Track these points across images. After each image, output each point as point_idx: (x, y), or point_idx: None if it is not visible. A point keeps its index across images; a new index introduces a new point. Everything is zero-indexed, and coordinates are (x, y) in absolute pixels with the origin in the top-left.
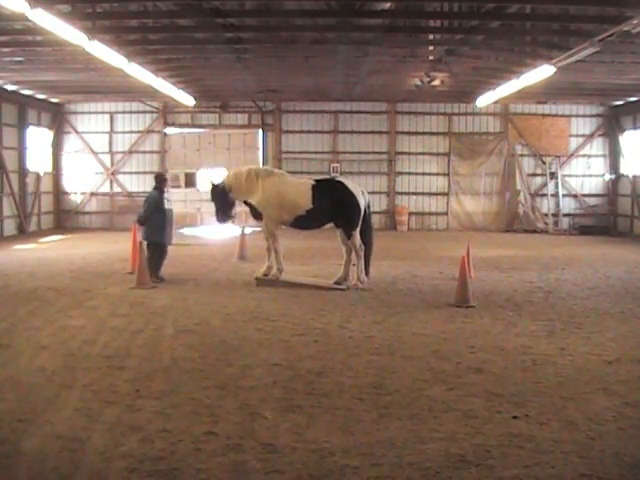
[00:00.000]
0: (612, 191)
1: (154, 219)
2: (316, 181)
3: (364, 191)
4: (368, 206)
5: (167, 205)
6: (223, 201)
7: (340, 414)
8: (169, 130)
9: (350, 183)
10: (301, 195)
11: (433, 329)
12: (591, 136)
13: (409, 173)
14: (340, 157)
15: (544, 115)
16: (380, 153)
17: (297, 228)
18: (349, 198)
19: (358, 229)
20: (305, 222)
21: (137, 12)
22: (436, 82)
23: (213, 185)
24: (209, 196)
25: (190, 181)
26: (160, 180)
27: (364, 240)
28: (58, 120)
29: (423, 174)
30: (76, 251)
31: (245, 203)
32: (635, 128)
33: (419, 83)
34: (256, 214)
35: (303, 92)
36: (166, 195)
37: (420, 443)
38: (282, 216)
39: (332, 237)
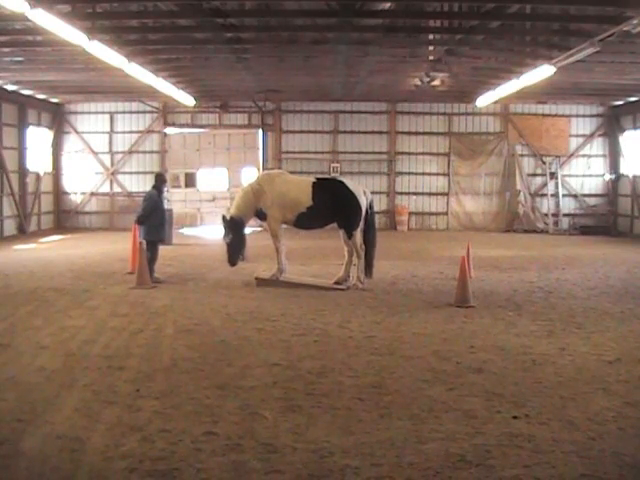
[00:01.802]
0: (612, 191)
1: (153, 218)
2: (317, 179)
3: (366, 191)
4: (370, 206)
5: (166, 205)
6: (239, 233)
7: (340, 414)
8: (169, 130)
9: (351, 183)
10: (301, 192)
11: (433, 329)
12: (591, 136)
13: (409, 173)
14: (340, 157)
15: (544, 115)
16: (380, 153)
17: (300, 227)
18: (350, 198)
19: (359, 229)
20: (307, 220)
21: (137, 12)
22: (436, 82)
23: (226, 218)
24: (224, 231)
25: (190, 181)
26: (159, 180)
27: (366, 239)
28: (58, 120)
29: (423, 174)
30: (76, 251)
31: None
32: (635, 128)
33: (419, 83)
34: (261, 216)
35: (303, 92)
36: (165, 195)
37: (420, 443)
38: (285, 215)
39: (332, 237)
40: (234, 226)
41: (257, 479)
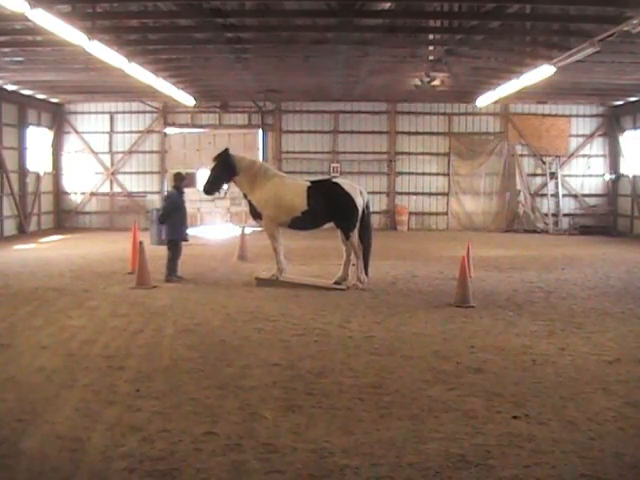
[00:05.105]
0: (612, 191)
1: (174, 218)
2: (312, 182)
3: (362, 190)
4: (367, 206)
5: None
6: (225, 172)
7: (340, 414)
8: (169, 130)
9: (347, 183)
10: (296, 197)
11: (433, 329)
12: (591, 136)
13: (409, 173)
14: (340, 157)
15: (544, 115)
16: (380, 153)
17: (295, 229)
18: (345, 199)
19: (357, 229)
20: (302, 223)
21: (137, 12)
22: (436, 82)
23: (227, 152)
24: (215, 159)
25: (190, 181)
26: (179, 179)
27: (362, 239)
28: (58, 120)
29: (423, 174)
30: (76, 251)
31: (245, 197)
32: (635, 128)
33: (419, 83)
34: (255, 214)
35: (303, 92)
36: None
37: (420, 443)
38: (280, 217)
39: (332, 237)
40: (224, 159)
41: (257, 479)
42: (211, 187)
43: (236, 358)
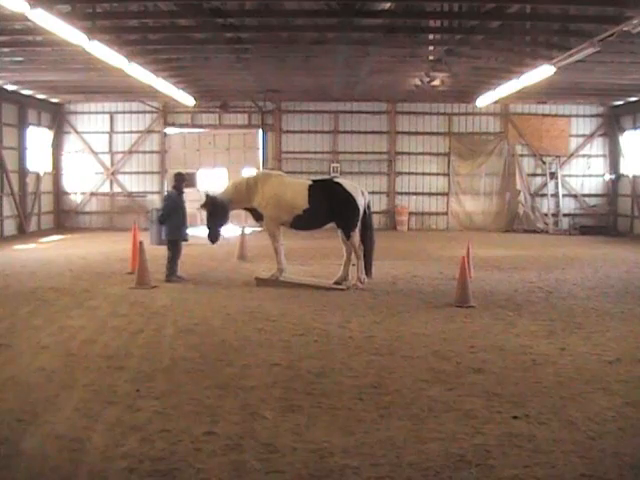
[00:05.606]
0: (612, 191)
1: (174, 218)
2: (313, 181)
3: (364, 191)
4: (368, 206)
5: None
6: (220, 215)
7: (340, 414)
8: (169, 130)
9: (348, 183)
10: (298, 195)
11: (433, 329)
12: (591, 136)
13: (409, 173)
14: (340, 157)
15: (544, 115)
16: (380, 153)
17: (297, 229)
18: (347, 199)
19: (357, 229)
20: (303, 222)
21: (137, 12)
22: (436, 82)
23: (209, 197)
24: (204, 209)
25: (190, 181)
26: (179, 179)
27: (364, 240)
28: (58, 120)
29: (423, 174)
30: (76, 251)
31: (245, 209)
32: (635, 128)
33: (419, 83)
34: (257, 216)
35: (303, 92)
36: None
37: (420, 443)
38: (281, 216)
39: (332, 237)
40: (212, 204)
41: (257, 479)
42: (215, 235)
43: (236, 358)
